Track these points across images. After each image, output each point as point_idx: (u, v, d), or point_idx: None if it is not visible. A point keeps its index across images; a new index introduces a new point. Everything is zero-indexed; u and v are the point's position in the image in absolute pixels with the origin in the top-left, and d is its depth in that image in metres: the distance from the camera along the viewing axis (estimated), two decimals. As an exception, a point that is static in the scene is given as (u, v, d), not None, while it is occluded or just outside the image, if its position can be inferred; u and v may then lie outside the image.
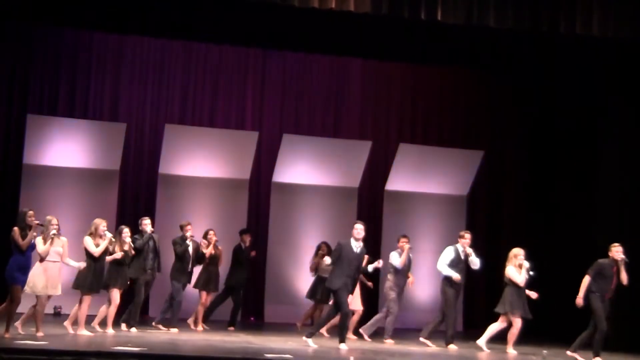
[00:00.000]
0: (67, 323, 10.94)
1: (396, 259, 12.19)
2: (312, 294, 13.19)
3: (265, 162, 15.76)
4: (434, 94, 16.77)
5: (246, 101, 16.12)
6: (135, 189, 15.45)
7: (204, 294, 12.69)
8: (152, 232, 12.02)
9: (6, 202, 14.28)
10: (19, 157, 14.37)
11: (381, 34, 13.53)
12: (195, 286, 12.65)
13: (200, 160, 15.05)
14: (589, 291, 10.76)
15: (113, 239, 10.94)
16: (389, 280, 12.31)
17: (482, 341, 11.46)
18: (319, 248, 13.30)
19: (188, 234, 12.30)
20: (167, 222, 13.62)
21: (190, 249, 12.33)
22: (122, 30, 14.50)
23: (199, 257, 12.51)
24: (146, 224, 12.05)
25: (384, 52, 14.61)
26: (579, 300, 10.76)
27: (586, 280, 10.77)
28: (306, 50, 15.19)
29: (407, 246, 12.18)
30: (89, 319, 11.03)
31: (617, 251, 10.83)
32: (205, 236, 12.72)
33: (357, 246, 10.66)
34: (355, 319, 12.44)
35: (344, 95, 16.50)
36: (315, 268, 13.21)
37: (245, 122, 16.04)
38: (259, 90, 16.15)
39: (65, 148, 14.48)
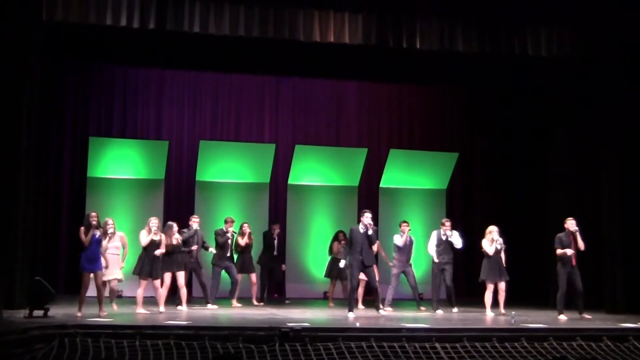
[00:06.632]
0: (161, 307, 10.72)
1: (398, 239, 12.24)
2: (328, 273, 13.09)
3: (281, 168, 15.66)
4: (417, 108, 16.69)
5: (264, 119, 16.10)
6: (178, 194, 15.39)
7: (239, 276, 12.49)
8: (197, 230, 11.88)
9: (76, 208, 14.34)
10: (84, 171, 14.37)
11: (372, 60, 13.61)
12: None
13: (229, 168, 14.97)
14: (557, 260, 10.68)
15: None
16: (394, 258, 12.35)
17: (488, 311, 11.25)
18: (337, 235, 13.11)
19: (231, 228, 12.33)
20: (204, 220, 13.18)
21: (230, 240, 12.36)
22: (162, 66, 14.66)
23: (234, 246, 12.48)
24: (194, 221, 11.96)
25: (374, 75, 14.68)
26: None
27: (558, 252, 10.65)
28: (311, 76, 15.30)
29: (407, 229, 12.23)
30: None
31: (571, 224, 10.72)
32: (240, 228, 12.66)
33: (363, 228, 10.64)
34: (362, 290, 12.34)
35: (343, 111, 16.46)
36: (331, 251, 13.10)
37: (264, 136, 16.02)
38: (274, 110, 16.11)
39: (120, 162, 14.48)
